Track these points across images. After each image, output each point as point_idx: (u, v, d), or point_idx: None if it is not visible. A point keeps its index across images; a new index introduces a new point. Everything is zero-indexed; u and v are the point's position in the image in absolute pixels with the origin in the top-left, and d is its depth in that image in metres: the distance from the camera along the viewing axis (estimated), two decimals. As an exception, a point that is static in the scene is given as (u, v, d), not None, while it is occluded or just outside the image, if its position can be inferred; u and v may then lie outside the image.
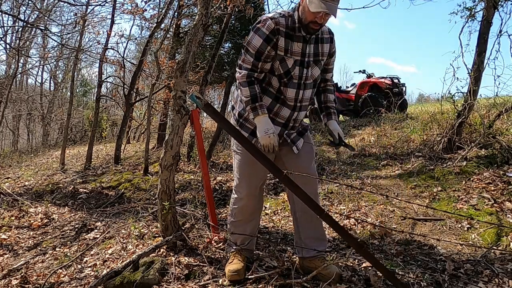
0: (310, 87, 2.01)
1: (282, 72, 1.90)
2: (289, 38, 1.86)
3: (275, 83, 1.94)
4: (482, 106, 4.72)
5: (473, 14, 4.32)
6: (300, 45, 1.89)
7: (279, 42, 1.85)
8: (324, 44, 1.99)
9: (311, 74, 1.97)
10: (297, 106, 2.00)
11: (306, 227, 2.14)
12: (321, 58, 1.99)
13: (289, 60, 1.88)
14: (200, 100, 1.84)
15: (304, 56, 1.91)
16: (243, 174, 2.11)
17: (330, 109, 2.12)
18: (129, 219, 3.73)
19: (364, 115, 7.98)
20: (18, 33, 13.38)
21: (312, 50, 1.94)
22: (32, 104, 17.78)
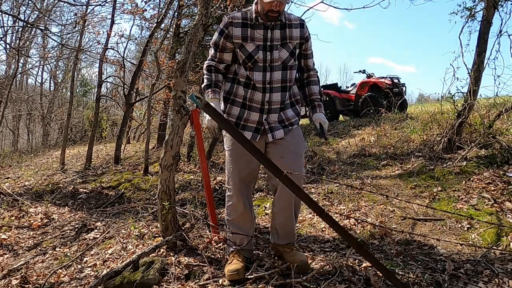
0: (279, 69, 2.09)
1: (245, 57, 2.06)
2: (246, 26, 2.06)
3: (242, 72, 2.10)
4: (482, 106, 4.72)
5: (473, 14, 4.32)
6: (261, 32, 2.05)
7: (233, 32, 2.06)
8: (293, 29, 2.12)
9: (278, 56, 2.08)
10: (266, 88, 2.08)
11: (279, 223, 2.23)
12: (289, 41, 2.10)
13: (248, 46, 2.05)
14: (200, 100, 1.84)
15: (266, 40, 2.06)
16: (229, 171, 2.18)
17: (315, 102, 2.20)
18: (129, 219, 3.73)
19: (364, 115, 7.98)
20: (18, 33, 13.39)
21: (278, 34, 2.08)
22: (32, 104, 17.79)
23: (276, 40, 2.07)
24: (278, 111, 2.14)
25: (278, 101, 2.12)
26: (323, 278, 2.10)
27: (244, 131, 2.12)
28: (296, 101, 2.24)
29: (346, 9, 8.51)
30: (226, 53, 2.12)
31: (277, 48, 2.07)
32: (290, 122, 2.17)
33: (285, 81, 2.12)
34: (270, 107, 2.11)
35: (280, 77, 2.10)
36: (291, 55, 2.11)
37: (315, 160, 4.74)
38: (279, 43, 2.08)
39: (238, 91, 2.13)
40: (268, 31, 2.06)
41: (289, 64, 2.12)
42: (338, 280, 2.06)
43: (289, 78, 2.14)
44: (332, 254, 2.42)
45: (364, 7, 4.85)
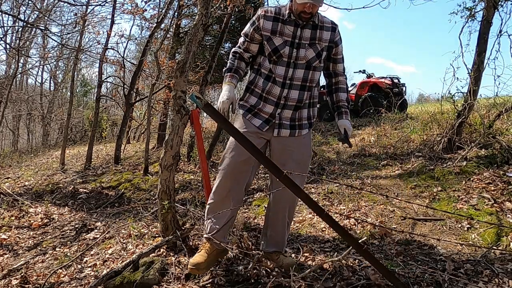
0: (302, 68, 2.09)
1: (270, 50, 2.07)
2: (278, 21, 2.07)
3: (266, 64, 2.11)
4: (482, 106, 4.72)
5: (473, 14, 4.33)
6: (291, 28, 2.06)
7: (264, 24, 2.07)
8: (324, 31, 2.11)
9: (304, 55, 2.08)
10: (286, 84, 2.09)
11: (272, 229, 2.23)
12: (318, 42, 2.10)
13: (276, 39, 2.06)
14: (200, 100, 1.84)
15: (295, 38, 2.06)
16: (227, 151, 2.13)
17: (342, 108, 2.20)
18: (129, 219, 3.73)
19: (364, 115, 7.98)
20: (18, 33, 13.38)
21: (308, 34, 2.08)
22: (32, 104, 17.78)
23: (305, 39, 2.07)
24: (293, 108, 2.13)
25: (295, 99, 2.11)
26: (323, 278, 2.10)
27: (255, 118, 2.13)
28: (314, 103, 2.22)
29: (346, 9, 8.53)
30: (253, 44, 2.15)
31: (304, 46, 2.07)
32: (301, 124, 2.16)
33: (306, 80, 2.12)
34: (286, 103, 2.11)
35: (302, 75, 2.10)
36: (318, 56, 2.11)
37: (315, 160, 4.74)
38: (308, 42, 2.08)
39: (258, 82, 2.14)
40: (298, 29, 2.06)
41: (314, 64, 2.11)
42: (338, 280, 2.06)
43: (311, 78, 2.13)
44: (332, 254, 2.42)
45: (364, 7, 4.85)
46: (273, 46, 2.06)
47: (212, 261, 2.16)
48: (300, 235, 2.83)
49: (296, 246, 2.60)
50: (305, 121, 2.18)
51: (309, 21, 2.05)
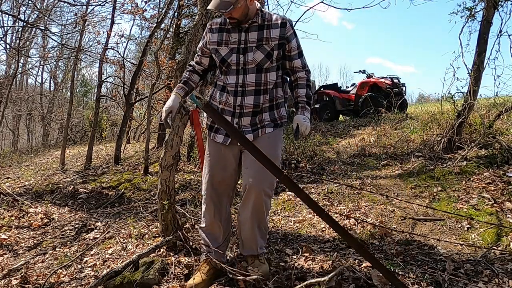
0: (253, 72, 2.04)
1: (219, 62, 2.09)
2: (222, 31, 2.09)
3: (220, 76, 2.14)
4: (482, 106, 4.72)
5: (473, 14, 4.33)
6: (235, 35, 2.05)
7: (210, 38, 2.12)
8: (272, 29, 2.04)
9: (252, 58, 2.03)
10: (238, 91, 2.05)
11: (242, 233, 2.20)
12: (266, 43, 2.03)
13: (222, 50, 2.07)
14: (200, 100, 1.85)
15: (240, 43, 2.04)
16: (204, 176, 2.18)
17: (299, 104, 2.12)
18: (129, 219, 3.73)
19: (364, 115, 7.98)
20: (18, 33, 13.38)
21: (254, 36, 2.04)
22: (32, 104, 17.79)
23: (251, 42, 2.03)
24: (251, 115, 2.07)
25: (251, 105, 2.05)
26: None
27: (217, 134, 2.13)
28: (278, 104, 2.14)
29: (346, 9, 8.52)
30: (204, 57, 2.21)
31: (251, 50, 2.02)
32: (263, 125, 2.08)
33: (259, 84, 2.04)
34: (242, 111, 2.05)
35: (254, 79, 2.04)
36: (268, 56, 2.03)
37: (315, 160, 4.74)
38: (255, 45, 2.02)
39: (216, 95, 2.15)
40: (242, 34, 2.04)
41: (265, 66, 2.04)
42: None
43: (265, 81, 2.05)
44: (332, 254, 2.42)
45: (364, 7, 4.86)
46: (220, 56, 2.07)
47: (210, 280, 2.15)
48: (300, 235, 2.83)
49: (296, 246, 2.60)
50: (266, 122, 2.09)
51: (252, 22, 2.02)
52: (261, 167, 1.94)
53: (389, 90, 7.69)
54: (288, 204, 3.47)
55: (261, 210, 2.10)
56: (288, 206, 3.43)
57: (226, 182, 2.16)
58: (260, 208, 2.09)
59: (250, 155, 1.96)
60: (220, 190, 2.16)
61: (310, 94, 2.13)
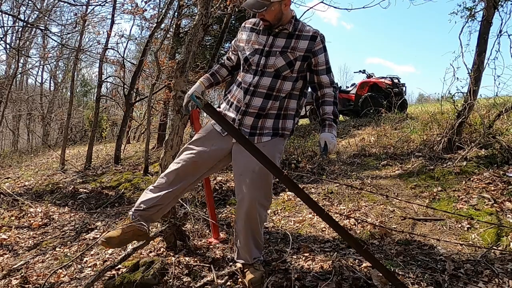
0: (270, 76, 2.04)
1: (243, 60, 2.14)
2: (253, 31, 2.14)
3: (241, 72, 2.18)
4: (482, 106, 4.72)
5: (473, 14, 4.33)
6: (264, 37, 2.10)
7: (242, 36, 2.18)
8: (301, 40, 2.04)
9: (273, 63, 2.04)
10: (249, 90, 2.06)
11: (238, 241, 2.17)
12: (291, 51, 2.04)
13: (248, 49, 2.11)
14: (200, 100, 1.84)
15: (265, 46, 2.07)
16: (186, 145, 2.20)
17: (326, 121, 2.06)
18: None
19: (364, 115, 7.98)
20: (18, 33, 13.39)
21: (281, 43, 2.06)
22: (32, 104, 17.79)
23: (276, 47, 2.05)
24: (255, 116, 2.05)
25: (257, 106, 2.04)
26: (323, 278, 2.11)
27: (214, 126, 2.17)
28: (287, 115, 2.11)
29: (346, 9, 8.53)
30: (233, 54, 2.28)
31: (275, 54, 2.04)
32: (261, 132, 2.06)
33: (272, 89, 2.04)
34: (247, 109, 2.06)
35: (269, 83, 2.03)
36: (289, 65, 2.02)
37: (315, 160, 4.74)
38: (279, 50, 2.04)
39: (232, 89, 2.19)
40: (270, 37, 2.07)
41: (284, 73, 2.03)
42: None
43: (279, 88, 2.04)
44: (332, 254, 2.42)
45: (364, 7, 4.85)
46: (245, 55, 2.12)
47: (127, 240, 2.06)
48: (300, 235, 2.83)
49: (296, 246, 2.60)
50: (268, 130, 2.07)
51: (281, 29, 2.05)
52: (256, 176, 1.95)
53: (389, 90, 7.69)
54: (288, 204, 3.47)
55: (255, 221, 2.05)
56: (288, 206, 3.43)
57: (198, 164, 2.10)
58: (254, 219, 2.04)
59: (242, 159, 1.99)
60: (189, 167, 2.10)
61: (336, 112, 2.09)
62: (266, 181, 2.01)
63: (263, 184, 2.00)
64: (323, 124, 2.05)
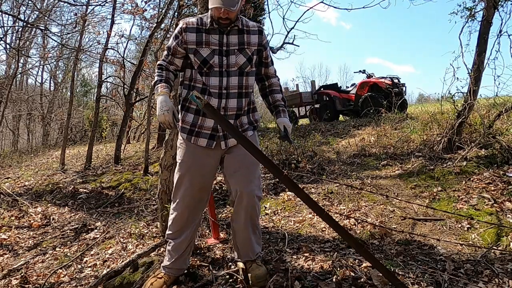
0: (236, 75, 2.04)
1: (200, 62, 2.02)
2: (200, 31, 2.02)
3: (198, 77, 2.04)
4: (482, 106, 4.72)
5: (473, 14, 4.33)
6: (216, 37, 2.02)
7: (187, 38, 2.02)
8: (251, 35, 2.08)
9: (235, 61, 2.03)
10: (222, 94, 2.03)
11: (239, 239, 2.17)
12: (247, 47, 2.06)
13: (203, 50, 2.01)
14: (200, 100, 1.84)
15: (222, 45, 2.02)
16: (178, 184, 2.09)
17: (279, 107, 2.19)
18: (129, 219, 3.74)
19: (364, 115, 7.98)
20: (18, 33, 13.40)
21: (235, 39, 2.04)
22: (32, 104, 17.79)
23: (232, 45, 2.03)
24: (234, 117, 2.07)
25: (234, 108, 2.05)
26: (323, 278, 2.11)
27: (199, 138, 2.05)
28: (253, 108, 2.18)
29: (346, 9, 8.51)
30: (176, 58, 2.09)
31: (234, 53, 2.02)
32: (244, 129, 2.10)
33: (241, 87, 2.06)
34: (226, 113, 2.04)
35: (237, 82, 2.04)
36: (249, 61, 2.06)
37: (315, 160, 4.74)
38: (236, 48, 2.03)
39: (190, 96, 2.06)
40: (224, 36, 2.02)
41: (246, 70, 2.06)
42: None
43: (245, 85, 2.07)
44: (332, 254, 2.42)
45: (364, 7, 4.85)
46: (201, 57, 2.00)
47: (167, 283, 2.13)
48: (300, 235, 2.83)
49: (296, 246, 2.60)
50: (246, 126, 2.12)
51: (233, 26, 2.01)
52: (249, 170, 1.97)
53: (389, 90, 7.70)
54: (288, 204, 3.47)
55: (254, 214, 2.10)
56: (288, 206, 3.43)
57: (206, 189, 2.12)
58: (253, 212, 2.09)
59: (235, 158, 2.01)
60: (198, 197, 2.10)
61: (284, 98, 2.24)
62: (258, 174, 2.10)
63: (256, 177, 2.07)
64: (277, 110, 2.19)
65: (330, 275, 2.11)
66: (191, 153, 2.06)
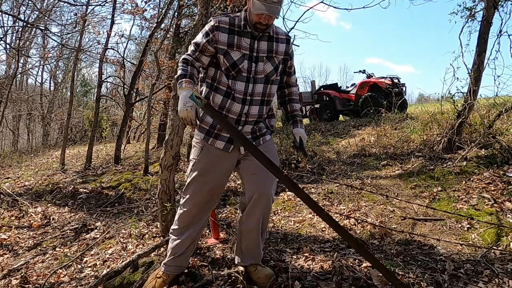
0: (261, 82, 2.02)
1: (229, 65, 1.96)
2: (233, 33, 1.96)
3: (224, 79, 1.99)
4: (482, 106, 4.72)
5: (473, 14, 4.33)
6: (247, 41, 1.97)
7: (219, 37, 1.95)
8: (280, 43, 2.06)
9: (262, 69, 2.01)
10: (247, 100, 2.00)
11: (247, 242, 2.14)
12: (275, 55, 2.04)
13: (234, 54, 1.96)
14: (200, 100, 1.83)
15: (253, 51, 1.98)
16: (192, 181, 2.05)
17: (296, 117, 2.19)
18: (129, 219, 3.74)
19: (364, 115, 7.98)
20: (18, 33, 13.40)
21: (265, 46, 2.01)
22: (32, 104, 17.79)
23: (262, 52, 2.00)
24: (253, 123, 2.06)
25: (256, 115, 2.04)
26: (323, 278, 2.11)
27: (216, 140, 2.02)
28: (271, 115, 2.19)
29: (346, 9, 8.51)
30: (204, 56, 2.00)
31: (262, 60, 2.00)
32: (261, 133, 2.10)
33: (265, 94, 2.04)
34: (247, 119, 2.02)
35: (262, 90, 2.02)
36: (275, 69, 2.04)
37: (315, 160, 4.74)
38: (265, 55, 2.01)
39: (215, 99, 2.00)
40: (255, 42, 1.98)
41: (272, 78, 2.05)
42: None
43: (269, 93, 2.06)
44: (332, 254, 2.42)
45: (364, 7, 4.84)
46: (231, 60, 1.95)
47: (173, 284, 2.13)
48: (300, 235, 2.83)
49: (296, 246, 2.60)
50: (263, 130, 2.12)
51: (264, 32, 1.98)
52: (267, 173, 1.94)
53: (389, 90, 7.69)
54: (288, 204, 3.47)
55: (267, 215, 2.15)
56: (288, 206, 3.43)
57: (218, 190, 2.09)
58: (267, 213, 2.14)
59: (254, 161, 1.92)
60: (209, 197, 2.07)
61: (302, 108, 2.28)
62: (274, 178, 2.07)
63: (273, 181, 2.08)
64: (295, 120, 2.19)
65: (330, 275, 2.11)
66: (207, 154, 2.02)
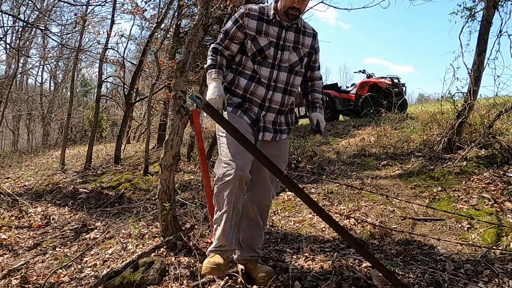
0: (285, 71, 2.07)
1: (255, 50, 2.02)
2: (262, 20, 2.03)
3: (249, 64, 2.05)
4: (482, 106, 4.72)
5: (473, 14, 4.33)
6: (276, 29, 2.03)
7: (248, 23, 2.02)
8: (306, 37, 2.12)
9: (288, 58, 2.06)
10: (271, 85, 2.05)
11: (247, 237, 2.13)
12: (301, 47, 2.10)
13: (261, 40, 2.02)
14: (200, 100, 1.84)
15: (280, 39, 2.04)
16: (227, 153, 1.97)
17: (316, 104, 2.20)
18: (129, 219, 3.74)
19: (364, 115, 7.98)
20: (18, 33, 13.41)
21: (292, 37, 2.07)
22: (32, 104, 17.79)
23: (289, 42, 2.05)
24: (276, 112, 2.11)
25: (278, 102, 2.09)
26: (323, 278, 2.11)
27: (245, 114, 2.05)
28: (292, 109, 2.22)
29: (346, 9, 8.48)
30: (234, 43, 2.07)
31: (288, 49, 2.05)
32: (281, 129, 2.14)
33: (288, 83, 2.09)
34: (270, 105, 2.08)
35: (285, 79, 2.08)
36: (300, 61, 2.10)
37: (315, 160, 4.74)
38: (292, 45, 2.06)
39: (240, 82, 2.06)
40: (283, 31, 2.04)
41: (296, 69, 2.10)
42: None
43: (292, 83, 2.11)
44: (332, 254, 2.42)
45: (364, 7, 4.82)
46: (259, 46, 2.01)
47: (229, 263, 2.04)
48: (300, 235, 2.83)
49: (296, 246, 2.60)
50: (284, 126, 2.16)
51: (293, 22, 2.04)
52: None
53: (389, 90, 7.69)
54: (288, 204, 3.47)
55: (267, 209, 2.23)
56: (288, 206, 3.43)
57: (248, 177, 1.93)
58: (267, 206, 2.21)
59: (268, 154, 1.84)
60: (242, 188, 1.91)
61: (324, 99, 2.26)
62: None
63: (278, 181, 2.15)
64: (314, 106, 2.19)
65: (330, 275, 2.11)
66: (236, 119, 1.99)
